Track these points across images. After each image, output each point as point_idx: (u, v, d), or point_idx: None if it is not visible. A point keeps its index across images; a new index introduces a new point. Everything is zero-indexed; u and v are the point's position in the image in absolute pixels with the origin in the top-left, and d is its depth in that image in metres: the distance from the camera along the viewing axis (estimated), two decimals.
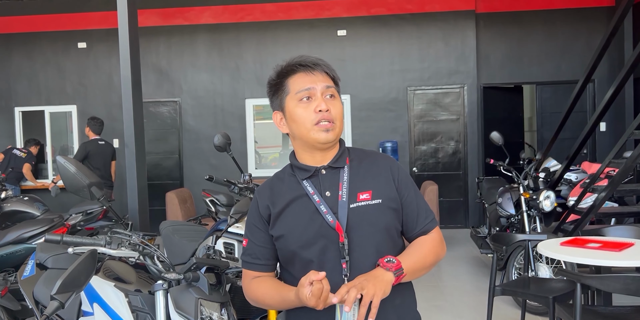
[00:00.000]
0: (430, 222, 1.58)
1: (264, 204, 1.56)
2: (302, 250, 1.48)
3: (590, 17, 8.37)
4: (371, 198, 1.50)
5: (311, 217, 1.49)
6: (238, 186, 3.40)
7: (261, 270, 1.58)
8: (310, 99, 1.50)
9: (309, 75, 1.51)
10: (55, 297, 1.53)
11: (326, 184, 1.52)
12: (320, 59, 1.55)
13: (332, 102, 1.51)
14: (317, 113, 1.48)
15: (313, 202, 1.50)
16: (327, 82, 1.52)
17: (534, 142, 9.62)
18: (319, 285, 1.30)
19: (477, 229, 6.38)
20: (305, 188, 1.52)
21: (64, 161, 2.25)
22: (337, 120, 1.50)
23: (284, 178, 1.59)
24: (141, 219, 4.61)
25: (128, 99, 4.64)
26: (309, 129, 1.49)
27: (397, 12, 8.42)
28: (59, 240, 1.94)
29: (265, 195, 1.58)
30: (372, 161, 1.59)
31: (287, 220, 1.51)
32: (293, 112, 1.51)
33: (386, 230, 1.51)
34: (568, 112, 5.62)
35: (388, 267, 1.40)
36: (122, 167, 8.49)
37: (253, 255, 1.58)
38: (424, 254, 1.53)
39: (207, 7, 8.65)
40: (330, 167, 1.54)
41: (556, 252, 3.13)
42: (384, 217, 1.51)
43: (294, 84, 1.52)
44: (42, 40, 8.91)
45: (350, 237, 1.47)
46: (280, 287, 1.50)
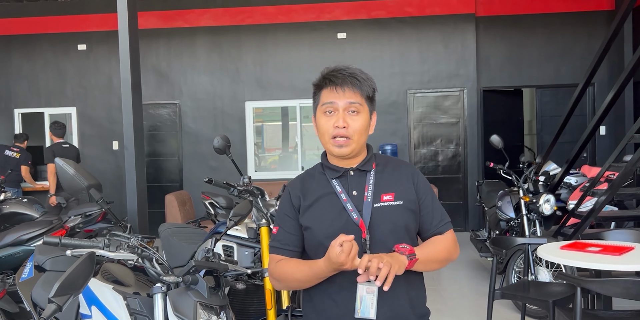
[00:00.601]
0: (445, 225, 1.73)
1: (296, 195, 1.71)
2: (328, 242, 1.54)
3: (590, 20, 8.39)
4: (394, 199, 1.66)
5: (338, 213, 1.64)
6: (237, 189, 3.39)
7: (289, 255, 1.70)
8: (332, 113, 1.64)
9: (335, 91, 1.63)
10: (53, 300, 1.52)
11: (353, 184, 1.68)
12: (354, 73, 1.64)
13: (354, 117, 1.63)
14: (334, 128, 1.62)
15: (340, 200, 1.65)
16: (352, 99, 1.63)
17: (533, 145, 9.62)
18: (349, 244, 1.45)
19: (476, 233, 6.37)
20: (334, 186, 1.68)
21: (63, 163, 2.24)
22: (356, 135, 1.63)
23: (314, 175, 1.75)
24: (140, 221, 4.60)
25: (128, 101, 4.64)
26: (327, 141, 1.66)
27: (397, 15, 8.43)
28: (57, 243, 1.93)
29: (297, 187, 1.73)
30: (396, 167, 1.74)
31: (316, 213, 1.66)
32: (318, 121, 1.68)
33: (405, 229, 1.65)
34: (568, 115, 5.63)
35: (402, 251, 1.55)
36: (122, 169, 8.53)
37: (283, 241, 1.70)
38: (436, 249, 1.67)
39: (207, 9, 8.66)
40: (358, 169, 1.70)
41: (556, 256, 3.12)
42: (403, 217, 1.65)
43: (323, 96, 1.67)
44: (42, 42, 8.91)
45: (371, 234, 1.61)
46: (307, 261, 1.64)
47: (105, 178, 8.38)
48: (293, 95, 8.59)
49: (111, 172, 8.72)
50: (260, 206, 3.33)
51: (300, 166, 8.71)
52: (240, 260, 3.29)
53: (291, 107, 8.75)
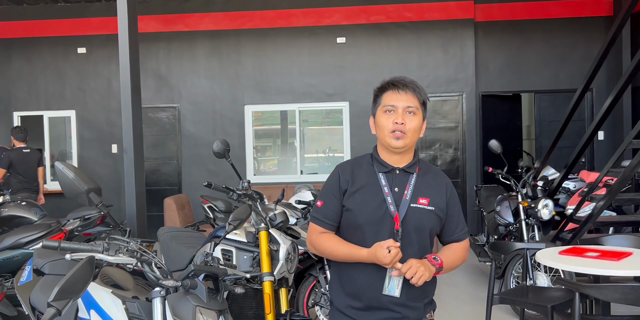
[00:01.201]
0: (464, 234, 2.02)
1: (345, 178, 1.95)
2: (365, 226, 1.88)
3: (589, 26, 8.42)
4: (428, 204, 1.91)
5: (379, 203, 1.89)
6: (237, 193, 3.39)
7: (327, 229, 1.97)
8: (392, 112, 1.91)
9: (397, 94, 1.92)
10: (52, 304, 1.52)
11: (397, 181, 1.93)
12: (413, 82, 1.96)
13: (410, 117, 1.91)
14: (394, 124, 1.88)
15: (382, 192, 1.90)
16: (411, 102, 1.91)
17: (532, 150, 9.63)
18: (396, 250, 1.75)
19: (475, 237, 6.37)
20: (379, 179, 1.93)
21: (63, 167, 2.25)
22: (410, 132, 1.90)
23: (363, 164, 1.99)
24: (139, 225, 4.59)
25: (127, 104, 4.64)
26: (386, 135, 1.91)
27: (397, 20, 8.46)
28: (56, 246, 1.93)
29: (347, 171, 1.97)
30: (435, 176, 2.00)
31: (359, 199, 1.91)
32: (378, 119, 1.94)
33: (429, 232, 1.93)
34: (566, 120, 5.64)
35: (433, 263, 1.85)
36: (121, 172, 8.52)
37: (325, 215, 1.97)
38: (456, 258, 1.98)
39: (207, 13, 8.68)
40: (403, 169, 1.95)
41: (554, 261, 3.13)
42: (431, 221, 1.92)
43: (384, 99, 1.94)
44: (41, 45, 8.92)
45: (402, 228, 1.87)
46: (349, 244, 1.91)
47: (104, 181, 8.37)
48: (292, 99, 8.60)
49: (110, 176, 8.72)
50: (259, 210, 3.33)
51: (300, 170, 8.71)
52: (239, 265, 3.29)
53: (290, 111, 8.76)
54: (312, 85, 8.53)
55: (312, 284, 3.88)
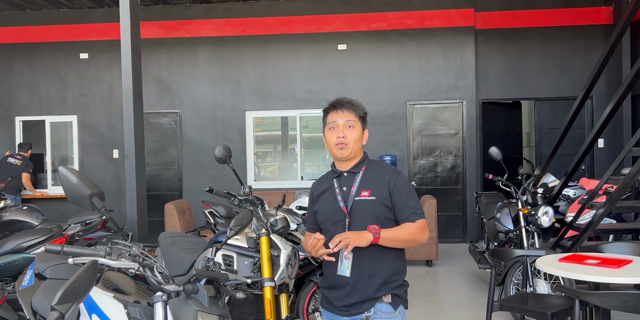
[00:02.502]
0: (415, 216, 2.25)
1: (313, 189, 2.44)
2: (325, 222, 2.33)
3: (589, 34, 8.46)
4: (369, 195, 2.25)
5: (332, 202, 2.31)
6: (238, 198, 3.40)
7: (311, 232, 2.40)
8: (335, 128, 2.30)
9: (337, 113, 2.31)
10: (55, 308, 1.53)
11: (345, 182, 2.32)
12: (350, 101, 2.34)
13: (350, 130, 2.29)
14: (337, 138, 2.28)
15: (334, 193, 2.31)
16: (348, 117, 2.29)
17: (532, 157, 9.65)
18: (314, 241, 2.14)
19: (475, 244, 6.37)
20: (333, 183, 2.34)
21: (66, 172, 2.26)
22: (351, 142, 2.28)
23: (328, 175, 2.42)
24: (139, 230, 4.60)
25: (129, 109, 4.66)
26: (332, 147, 2.32)
27: (397, 27, 8.50)
28: (59, 251, 1.94)
29: (316, 184, 2.45)
30: (380, 171, 2.32)
31: (320, 202, 2.37)
32: (326, 135, 2.35)
33: (375, 218, 2.23)
34: (566, 128, 5.66)
35: (369, 230, 2.14)
36: (122, 177, 8.54)
37: (309, 221, 2.45)
38: (402, 231, 2.22)
39: (208, 20, 8.73)
40: (349, 172, 2.33)
41: (554, 268, 3.13)
42: (375, 209, 2.24)
43: (328, 118, 2.35)
44: (44, 50, 8.97)
45: (351, 218, 2.24)
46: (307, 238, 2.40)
47: (105, 186, 8.38)
48: (293, 105, 8.64)
49: (111, 181, 8.73)
50: (260, 216, 3.34)
51: (300, 176, 8.73)
52: (240, 270, 3.29)
53: (291, 117, 8.79)
54: (312, 91, 8.56)
55: (313, 290, 3.88)
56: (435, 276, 6.33)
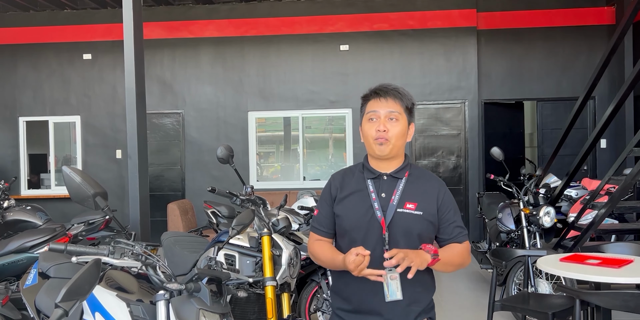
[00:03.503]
0: (462, 236, 1.98)
1: (335, 186, 2.01)
2: (352, 231, 1.91)
3: (591, 34, 8.46)
4: (415, 209, 1.90)
5: (366, 209, 1.91)
6: (240, 198, 3.42)
7: (323, 236, 2.02)
8: (375, 120, 1.92)
9: (379, 101, 1.94)
10: (59, 305, 1.54)
11: (384, 187, 1.94)
12: (396, 88, 1.96)
13: (393, 124, 1.91)
14: (377, 132, 1.90)
15: (370, 198, 1.92)
16: (393, 108, 1.92)
17: (534, 158, 9.65)
18: (360, 258, 1.70)
19: (477, 244, 6.37)
20: (367, 186, 1.95)
21: (70, 171, 2.28)
22: (393, 138, 1.91)
23: (354, 172, 2.02)
24: (142, 230, 4.62)
25: (132, 110, 4.68)
26: (370, 142, 1.94)
27: (400, 27, 8.51)
28: (63, 250, 1.96)
29: (338, 179, 2.03)
30: (426, 181, 1.99)
31: (347, 205, 1.94)
32: (363, 127, 1.97)
33: (418, 236, 1.89)
34: (568, 128, 5.66)
35: (427, 250, 1.78)
36: (125, 177, 8.57)
37: (320, 223, 2.02)
38: (454, 254, 1.92)
39: (211, 20, 8.75)
40: (391, 175, 1.96)
41: (556, 268, 3.14)
42: (419, 226, 1.90)
43: (368, 107, 1.96)
44: (47, 51, 9.00)
45: (390, 232, 1.87)
46: (333, 251, 1.95)
47: (108, 186, 8.41)
48: (295, 106, 8.65)
49: (114, 181, 8.76)
50: (262, 215, 3.36)
51: (302, 176, 8.74)
52: (241, 269, 3.31)
53: (293, 118, 8.81)
54: (315, 92, 8.58)
55: (314, 290, 3.89)
56: (437, 276, 6.32)
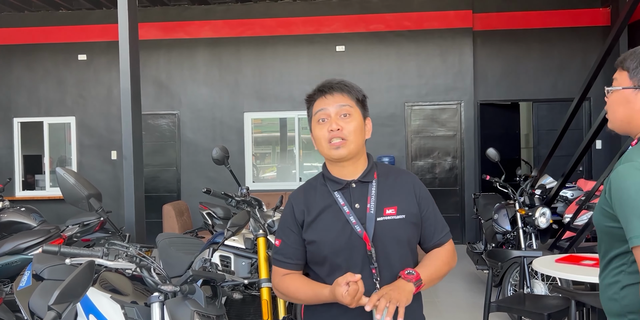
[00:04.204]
0: (445, 236, 1.78)
1: (300, 209, 1.72)
2: (333, 256, 1.64)
3: (586, 36, 8.48)
4: (396, 213, 1.67)
5: (342, 226, 1.64)
6: (235, 199, 3.41)
7: (292, 269, 1.73)
8: (325, 120, 1.67)
9: (325, 99, 1.69)
10: (52, 308, 1.53)
11: (356, 196, 1.68)
12: (342, 81, 1.72)
13: (346, 120, 1.66)
14: (330, 133, 1.65)
15: (343, 213, 1.66)
16: (342, 102, 1.67)
17: (530, 159, 9.67)
18: (355, 286, 1.47)
19: (473, 245, 6.38)
20: (336, 199, 1.68)
21: (63, 173, 2.26)
22: (351, 135, 1.65)
23: (316, 186, 1.75)
24: (137, 231, 4.60)
25: (127, 111, 4.66)
26: (325, 146, 1.67)
27: (396, 28, 8.52)
28: (56, 251, 1.95)
29: (300, 200, 1.74)
30: (397, 177, 1.75)
31: (320, 227, 1.67)
32: (313, 132, 1.71)
33: (407, 243, 1.69)
34: (564, 129, 5.68)
35: (409, 279, 1.58)
36: (120, 179, 8.54)
37: (286, 255, 1.72)
38: (439, 265, 1.71)
39: (207, 21, 8.74)
40: (359, 181, 1.70)
41: (551, 269, 3.15)
42: (406, 231, 1.68)
43: (315, 107, 1.71)
44: (42, 51, 8.97)
45: (375, 247, 1.63)
46: (312, 284, 1.67)
47: (103, 188, 8.38)
48: (291, 106, 8.64)
49: (109, 182, 8.73)
50: (258, 217, 3.35)
51: (298, 177, 8.73)
52: (237, 271, 3.30)
53: (289, 119, 8.80)
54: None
55: None
56: None
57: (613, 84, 1.59)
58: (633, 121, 1.55)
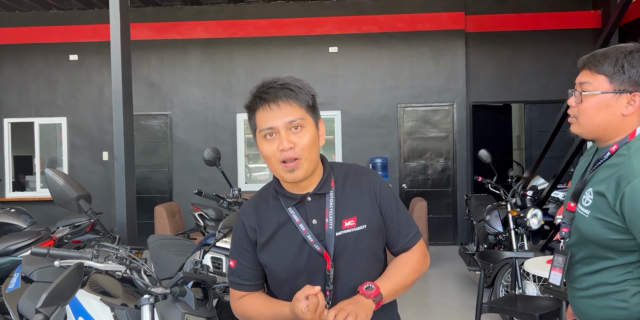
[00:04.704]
0: (412, 239, 1.60)
1: (252, 227, 1.56)
2: (292, 279, 1.51)
3: (578, 38, 8.53)
4: (356, 225, 1.51)
5: (300, 246, 1.50)
6: (227, 201, 3.40)
7: (251, 291, 1.60)
8: (273, 135, 1.46)
9: (269, 111, 1.45)
10: (40, 311, 1.52)
11: (312, 211, 1.52)
12: (286, 85, 1.47)
13: (298, 134, 1.45)
14: (280, 152, 1.44)
15: (299, 231, 1.50)
16: (291, 116, 1.44)
17: (522, 160, 9.71)
18: (314, 299, 1.35)
19: (465, 246, 6.39)
20: (290, 215, 1.52)
21: (53, 174, 2.25)
22: (305, 151, 1.45)
23: (268, 200, 1.57)
24: (129, 233, 4.57)
25: (119, 111, 4.63)
26: (276, 167, 1.47)
27: (388, 30, 8.53)
28: (45, 253, 1.93)
29: (251, 217, 1.57)
30: (355, 180, 1.57)
31: (276, 249, 1.52)
32: (260, 147, 1.50)
33: (371, 254, 1.54)
34: (555, 131, 5.71)
35: (367, 295, 1.44)
36: (111, 180, 8.49)
37: (242, 276, 1.58)
38: (405, 274, 1.55)
39: (200, 21, 8.72)
40: (315, 194, 1.53)
41: (543, 270, 3.16)
42: (368, 242, 1.53)
43: (258, 121, 1.48)
44: (33, 51, 8.91)
45: (336, 265, 1.49)
46: (272, 303, 1.53)
47: (94, 189, 8.32)
48: None
49: (100, 183, 8.68)
50: None
51: None
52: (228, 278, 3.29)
53: None
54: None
55: None
56: (426, 278, 6.34)
57: (585, 87, 1.55)
58: (611, 126, 1.53)
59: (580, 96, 1.55)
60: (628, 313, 1.48)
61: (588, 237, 1.52)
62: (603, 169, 1.53)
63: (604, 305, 1.52)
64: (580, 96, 1.55)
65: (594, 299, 1.55)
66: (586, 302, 1.58)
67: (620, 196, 1.41)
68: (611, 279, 1.50)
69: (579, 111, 1.57)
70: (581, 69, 1.62)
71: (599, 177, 1.53)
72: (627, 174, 1.42)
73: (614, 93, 1.50)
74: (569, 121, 1.62)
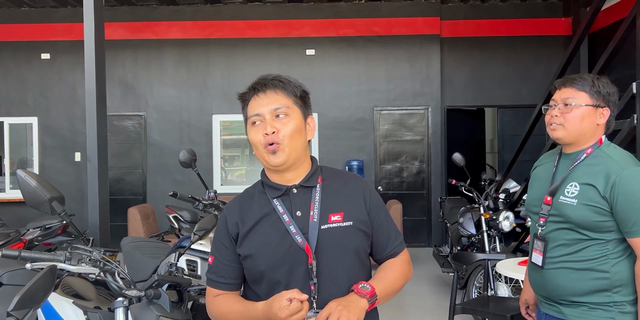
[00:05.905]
0: (399, 245, 1.63)
1: (233, 221, 1.56)
2: (271, 271, 1.48)
3: (549, 44, 8.72)
4: (342, 220, 1.51)
5: (281, 237, 1.49)
6: (202, 203, 3.38)
7: (226, 289, 1.57)
8: (260, 122, 1.51)
9: (258, 99, 1.52)
10: (12, 314, 1.49)
11: (297, 203, 1.52)
12: (277, 77, 1.55)
13: (282, 121, 1.50)
14: (265, 136, 1.49)
15: (282, 222, 1.50)
16: (277, 103, 1.50)
17: (495, 163, 9.87)
18: (298, 304, 1.33)
19: (439, 248, 6.46)
20: (275, 207, 1.52)
21: (24, 175, 2.21)
22: (287, 138, 1.48)
23: (254, 195, 1.59)
24: (102, 235, 4.51)
25: (92, 112, 4.57)
26: (261, 151, 1.51)
27: (365, 33, 8.59)
28: (16, 256, 1.90)
29: (234, 212, 1.57)
30: (345, 182, 1.59)
31: (256, 239, 1.51)
32: (249, 134, 1.55)
33: (355, 253, 1.53)
34: (527, 135, 5.81)
35: (363, 294, 1.42)
36: (84, 181, 8.36)
37: (219, 273, 1.57)
38: (395, 278, 1.56)
39: (175, 22, 8.65)
40: (301, 186, 1.54)
41: (514, 272, 3.21)
42: (353, 240, 1.52)
43: (249, 109, 1.55)
44: (3, 50, 8.71)
45: (319, 259, 1.47)
46: (246, 303, 1.51)
47: (66, 190, 8.17)
48: None
49: (72, 184, 8.53)
50: None
51: None
52: (203, 275, 3.27)
53: None
54: None
55: None
56: None
57: (569, 101, 1.90)
58: (588, 133, 1.90)
59: (570, 107, 1.89)
60: (610, 282, 1.81)
61: (575, 221, 1.82)
62: (582, 167, 1.88)
63: (587, 277, 1.82)
64: (571, 107, 1.89)
65: (576, 272, 1.84)
66: (569, 277, 1.86)
67: (612, 185, 1.76)
68: (592, 255, 1.82)
69: (566, 119, 1.90)
70: (561, 88, 1.96)
71: (579, 173, 1.87)
72: (615, 168, 1.79)
73: (593, 106, 1.88)
74: (553, 128, 1.94)
